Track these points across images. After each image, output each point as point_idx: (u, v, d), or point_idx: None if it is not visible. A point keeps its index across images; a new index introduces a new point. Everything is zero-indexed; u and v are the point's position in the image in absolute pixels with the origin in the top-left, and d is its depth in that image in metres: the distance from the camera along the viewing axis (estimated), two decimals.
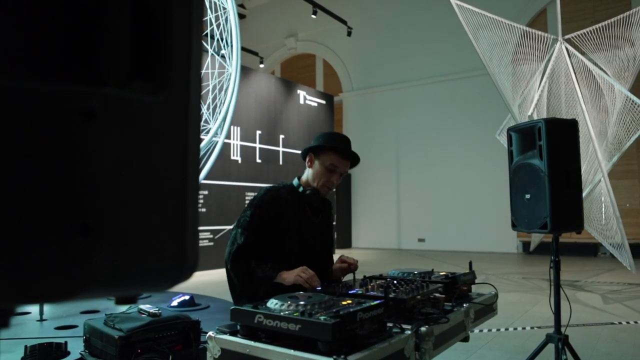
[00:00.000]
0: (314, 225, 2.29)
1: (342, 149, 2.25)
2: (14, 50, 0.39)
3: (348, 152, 2.26)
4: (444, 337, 1.65)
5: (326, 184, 2.25)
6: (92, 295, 0.42)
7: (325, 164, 2.23)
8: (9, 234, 0.37)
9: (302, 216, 2.25)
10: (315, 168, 2.25)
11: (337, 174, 2.25)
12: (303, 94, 12.51)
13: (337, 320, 1.25)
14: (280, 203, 2.19)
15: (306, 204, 2.27)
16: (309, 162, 2.29)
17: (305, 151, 2.29)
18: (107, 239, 0.41)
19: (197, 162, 0.51)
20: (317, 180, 2.24)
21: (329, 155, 2.23)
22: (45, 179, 0.38)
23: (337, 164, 2.23)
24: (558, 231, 2.87)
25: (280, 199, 2.20)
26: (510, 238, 12.20)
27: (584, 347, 3.88)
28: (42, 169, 0.38)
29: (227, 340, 1.46)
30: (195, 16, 0.50)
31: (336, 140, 2.28)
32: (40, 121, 0.39)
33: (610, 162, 7.33)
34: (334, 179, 2.25)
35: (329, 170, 2.23)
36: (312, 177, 2.26)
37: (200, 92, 0.52)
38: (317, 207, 2.32)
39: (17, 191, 0.37)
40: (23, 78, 0.39)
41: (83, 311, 4.99)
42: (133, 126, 0.44)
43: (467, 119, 13.26)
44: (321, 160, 2.24)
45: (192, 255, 0.50)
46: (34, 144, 0.38)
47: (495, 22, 7.63)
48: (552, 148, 2.78)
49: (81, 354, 3.29)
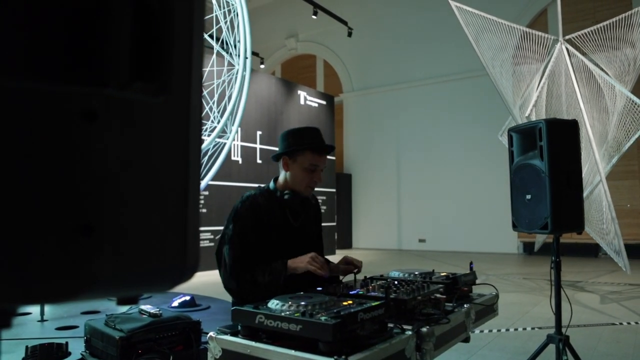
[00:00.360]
0: (295, 229, 2.22)
1: (318, 146, 2.17)
2: (15, 51, 0.39)
3: (324, 147, 2.18)
4: (445, 338, 1.65)
5: (310, 185, 2.18)
6: (93, 296, 0.42)
7: (304, 166, 2.15)
8: (10, 234, 0.37)
9: (283, 221, 2.18)
10: (293, 171, 2.17)
11: (317, 171, 2.18)
12: (303, 94, 12.51)
13: (338, 321, 1.25)
14: (259, 212, 2.12)
15: (286, 208, 2.20)
16: (284, 166, 2.19)
17: (278, 155, 2.20)
18: (108, 239, 0.41)
19: (198, 162, 0.51)
20: (299, 183, 2.17)
21: (305, 155, 2.15)
22: (46, 179, 0.38)
23: (317, 162, 2.16)
24: (559, 232, 2.87)
25: (258, 208, 2.12)
26: (511, 239, 12.19)
27: (585, 347, 3.88)
28: (43, 169, 0.38)
29: (228, 340, 1.46)
30: (197, 17, 0.50)
31: (309, 137, 2.19)
32: (41, 122, 0.39)
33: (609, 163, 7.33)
34: (316, 178, 2.18)
35: (309, 171, 2.16)
36: (292, 180, 2.18)
37: (201, 93, 0.52)
38: (296, 209, 2.23)
39: (18, 192, 0.37)
40: (24, 79, 0.39)
41: (84, 312, 5.00)
42: (134, 127, 0.44)
43: (467, 120, 13.26)
44: (298, 162, 2.16)
45: (193, 255, 0.50)
46: (34, 144, 0.38)
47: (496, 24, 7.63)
48: (553, 149, 2.78)
49: (82, 355, 3.29)
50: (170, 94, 0.47)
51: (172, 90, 0.47)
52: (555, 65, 7.63)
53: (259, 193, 2.19)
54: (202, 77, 0.52)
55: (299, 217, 2.25)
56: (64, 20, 0.40)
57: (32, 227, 0.38)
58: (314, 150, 2.15)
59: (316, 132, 2.23)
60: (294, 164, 2.16)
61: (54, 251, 0.39)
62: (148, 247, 0.46)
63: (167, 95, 0.46)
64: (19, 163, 0.37)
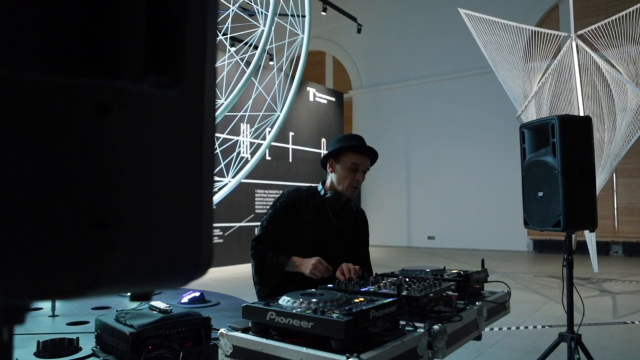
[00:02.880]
0: (335, 226, 2.34)
1: (359, 146, 2.30)
2: (29, 44, 0.38)
3: (365, 148, 2.31)
4: (457, 336, 1.63)
5: (352, 184, 2.30)
6: (106, 292, 0.42)
7: (347, 165, 2.28)
8: (22, 229, 0.36)
9: (321, 218, 2.31)
10: (337, 172, 2.31)
11: (360, 172, 2.30)
12: (313, 91, 12.49)
13: (350, 318, 1.24)
14: (299, 204, 2.29)
15: (327, 206, 2.33)
16: (330, 168, 2.34)
17: (325, 158, 2.36)
18: (122, 235, 0.41)
19: (212, 157, 0.50)
20: (342, 182, 2.30)
21: (348, 155, 2.29)
22: (60, 173, 0.38)
23: (358, 162, 2.28)
24: (571, 229, 2.84)
25: (300, 200, 2.31)
26: (521, 236, 12.12)
27: (596, 346, 3.85)
28: (56, 163, 0.38)
29: (239, 337, 1.45)
30: (210, 9, 0.49)
31: (351, 139, 2.34)
32: (55, 114, 0.38)
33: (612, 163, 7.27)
34: (358, 177, 2.30)
35: (351, 170, 2.28)
36: (337, 181, 2.32)
37: (215, 86, 0.51)
38: (337, 210, 2.36)
39: (31, 186, 0.37)
40: (38, 71, 0.38)
41: (94, 307, 5.03)
42: (148, 120, 0.43)
43: (477, 116, 13.19)
44: (342, 162, 2.30)
45: (207, 251, 0.49)
46: (47, 137, 0.37)
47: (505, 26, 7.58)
48: (566, 145, 2.74)
49: (92, 350, 3.31)
50: (184, 87, 0.46)
51: (186, 83, 0.46)
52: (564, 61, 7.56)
53: (305, 189, 2.39)
54: (215, 70, 0.51)
55: (342, 219, 2.40)
56: (77, 12, 0.40)
57: (45, 222, 0.37)
58: (355, 150, 2.29)
59: (359, 137, 2.38)
60: (338, 164, 2.31)
61: (67, 247, 0.38)
62: (162, 242, 0.45)
63: (181, 88, 0.45)
64: (32, 156, 0.37)
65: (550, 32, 7.90)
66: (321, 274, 2.07)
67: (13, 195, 0.36)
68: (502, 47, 7.66)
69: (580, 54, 7.63)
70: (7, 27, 0.37)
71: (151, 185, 0.44)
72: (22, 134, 0.36)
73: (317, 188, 2.40)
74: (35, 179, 0.37)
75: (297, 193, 2.34)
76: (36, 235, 0.37)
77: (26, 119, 0.37)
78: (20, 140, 0.36)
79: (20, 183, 0.36)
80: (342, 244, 2.38)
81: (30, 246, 0.37)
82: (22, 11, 0.38)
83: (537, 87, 7.39)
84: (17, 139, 0.36)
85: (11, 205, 0.36)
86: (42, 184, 0.37)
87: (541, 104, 7.62)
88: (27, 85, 0.37)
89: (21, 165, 0.36)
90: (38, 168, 0.37)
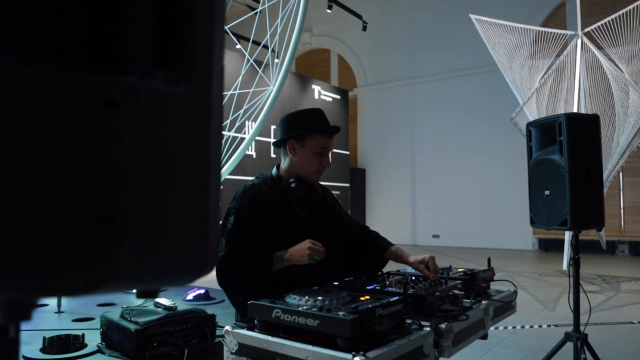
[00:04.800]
0: (301, 218, 2.08)
1: (329, 128, 2.07)
2: (36, 39, 0.38)
3: (333, 128, 2.08)
4: (464, 335, 1.63)
5: (319, 169, 2.07)
6: (113, 289, 0.41)
7: (314, 149, 2.03)
8: (30, 226, 0.36)
9: (288, 210, 2.05)
10: (302, 156, 2.04)
11: (326, 155, 2.07)
12: (318, 88, 12.49)
13: (356, 316, 1.24)
14: (262, 201, 1.98)
15: (291, 196, 2.06)
16: (292, 152, 2.05)
17: (283, 140, 2.07)
18: (130, 231, 0.41)
19: (219, 153, 0.50)
20: (308, 168, 2.05)
21: (315, 139, 2.03)
22: (67, 169, 0.38)
23: (326, 145, 2.06)
24: (578, 228, 2.82)
25: (262, 197, 1.99)
26: (526, 235, 12.07)
27: (602, 346, 3.82)
28: (64, 159, 0.37)
29: (245, 335, 1.45)
30: (218, 6, 0.49)
31: (317, 120, 2.08)
32: (62, 110, 0.38)
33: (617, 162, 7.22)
34: (325, 162, 2.07)
35: (319, 155, 2.04)
36: (299, 166, 2.05)
37: (223, 83, 0.51)
38: (302, 198, 2.08)
39: (38, 182, 0.36)
40: (45, 67, 0.38)
41: (99, 304, 5.05)
42: (156, 116, 0.43)
43: (483, 115, 13.13)
44: (307, 146, 2.03)
45: (213, 248, 0.49)
46: (55, 133, 0.37)
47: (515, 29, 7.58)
48: (573, 143, 2.72)
49: (98, 346, 3.32)
50: (192, 83, 0.46)
51: (194, 80, 0.46)
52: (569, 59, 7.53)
53: (262, 181, 2.06)
54: (223, 67, 0.51)
55: (305, 206, 2.12)
56: (85, 8, 0.39)
57: (52, 218, 0.37)
58: (324, 132, 2.05)
59: (322, 113, 2.12)
60: (303, 147, 2.04)
61: (74, 243, 0.38)
62: (169, 239, 0.45)
63: (189, 85, 0.45)
64: (39, 152, 0.36)
65: (558, 31, 7.87)
66: (321, 255, 1.83)
67: (20, 191, 0.36)
68: (512, 50, 7.64)
69: (585, 52, 7.58)
70: (16, 24, 0.37)
71: (159, 181, 0.43)
72: (29, 129, 0.36)
73: (274, 176, 2.10)
74: (43, 175, 0.37)
75: (256, 190, 2.00)
76: (44, 231, 0.37)
77: (33, 115, 0.36)
78: (27, 135, 0.36)
79: (28, 179, 0.36)
80: (316, 229, 2.09)
81: (39, 243, 0.36)
82: (31, 8, 0.37)
83: (539, 84, 7.36)
84: (25, 135, 0.36)
85: (18, 201, 0.36)
86: (49, 180, 0.37)
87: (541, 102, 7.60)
88: (34, 81, 0.37)
89: (29, 161, 0.36)
90: (46, 164, 0.37)
